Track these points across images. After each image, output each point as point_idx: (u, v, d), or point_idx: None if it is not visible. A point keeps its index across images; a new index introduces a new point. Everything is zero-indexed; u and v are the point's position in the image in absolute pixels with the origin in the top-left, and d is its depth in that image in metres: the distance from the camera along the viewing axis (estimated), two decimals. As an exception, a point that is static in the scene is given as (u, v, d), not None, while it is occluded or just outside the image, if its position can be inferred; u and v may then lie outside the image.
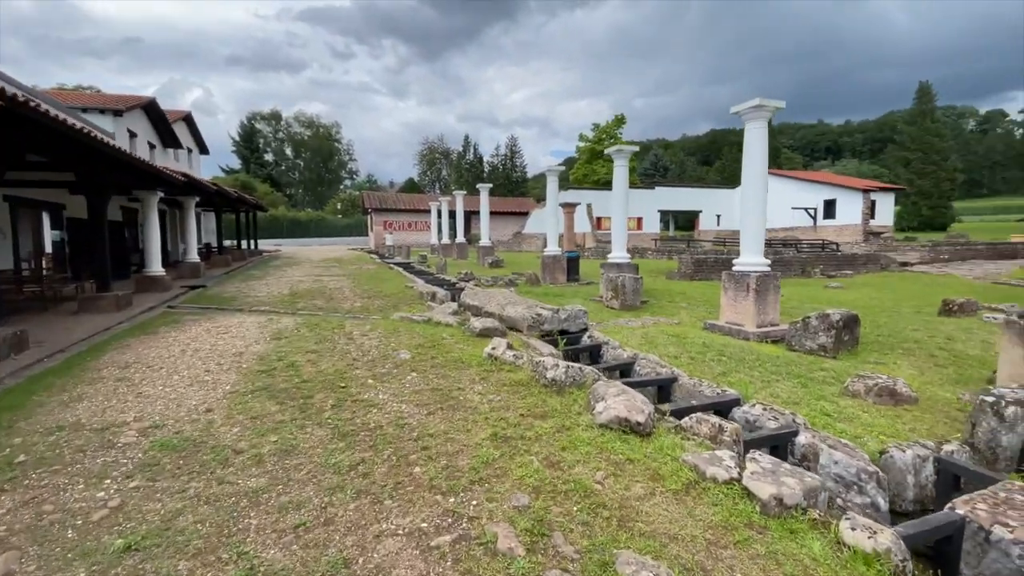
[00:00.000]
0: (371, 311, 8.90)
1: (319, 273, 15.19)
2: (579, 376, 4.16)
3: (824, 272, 18.00)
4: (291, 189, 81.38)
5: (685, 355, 6.07)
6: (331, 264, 19.03)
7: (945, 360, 6.35)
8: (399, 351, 5.40)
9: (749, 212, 7.71)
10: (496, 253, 20.93)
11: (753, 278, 7.39)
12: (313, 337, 6.11)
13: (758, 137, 7.48)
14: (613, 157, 10.97)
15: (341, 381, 4.39)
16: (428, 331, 6.70)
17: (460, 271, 14.79)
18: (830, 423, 4.16)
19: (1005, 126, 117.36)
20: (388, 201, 39.28)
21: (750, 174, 7.62)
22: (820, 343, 6.41)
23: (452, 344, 5.86)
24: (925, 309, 10.33)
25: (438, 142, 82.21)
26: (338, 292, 10.94)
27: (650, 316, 9.06)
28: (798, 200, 37.02)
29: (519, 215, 38.81)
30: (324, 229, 54.01)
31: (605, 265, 11.04)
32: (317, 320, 7.35)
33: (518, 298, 8.17)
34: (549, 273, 13.78)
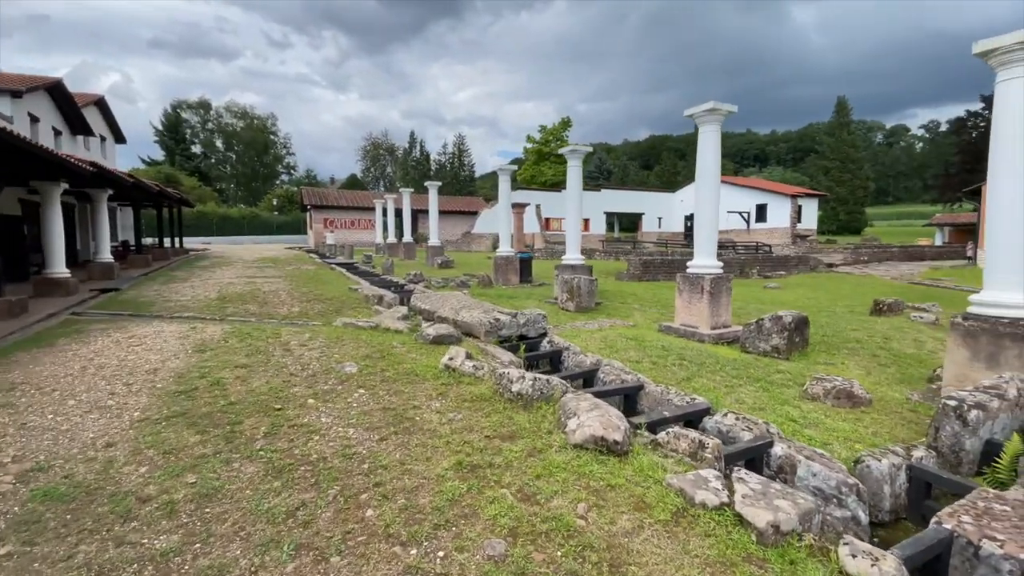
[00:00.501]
0: (311, 317, 8.21)
1: (252, 274, 14.08)
2: (547, 389, 3.85)
3: (761, 273, 18.85)
4: (222, 184, 76.34)
5: (647, 360, 5.93)
6: (266, 264, 17.77)
7: (886, 359, 6.60)
8: (344, 364, 4.88)
9: (702, 215, 7.74)
10: (445, 253, 20.38)
11: (707, 280, 7.42)
12: (243, 349, 5.44)
13: (711, 140, 7.52)
14: (567, 157, 10.82)
15: (276, 402, 3.84)
16: (376, 339, 6.18)
17: (409, 272, 14.17)
18: (797, 429, 4.10)
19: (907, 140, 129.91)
20: (329, 198, 37.56)
21: (703, 177, 7.65)
22: (773, 345, 6.48)
23: (404, 354, 5.40)
24: (857, 309, 10.91)
25: (382, 138, 79.94)
26: (273, 296, 10.09)
27: (606, 318, 8.94)
28: (733, 204, 38.87)
29: (468, 214, 38.29)
30: (258, 227, 50.95)
31: (559, 267, 10.86)
32: (249, 328, 6.63)
33: (473, 301, 7.79)
34: (502, 274, 13.46)
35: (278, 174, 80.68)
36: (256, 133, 74.22)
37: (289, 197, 58.27)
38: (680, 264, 17.05)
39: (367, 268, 17.63)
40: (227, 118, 75.11)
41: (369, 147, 79.48)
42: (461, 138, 73.97)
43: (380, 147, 79.80)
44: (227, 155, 76.43)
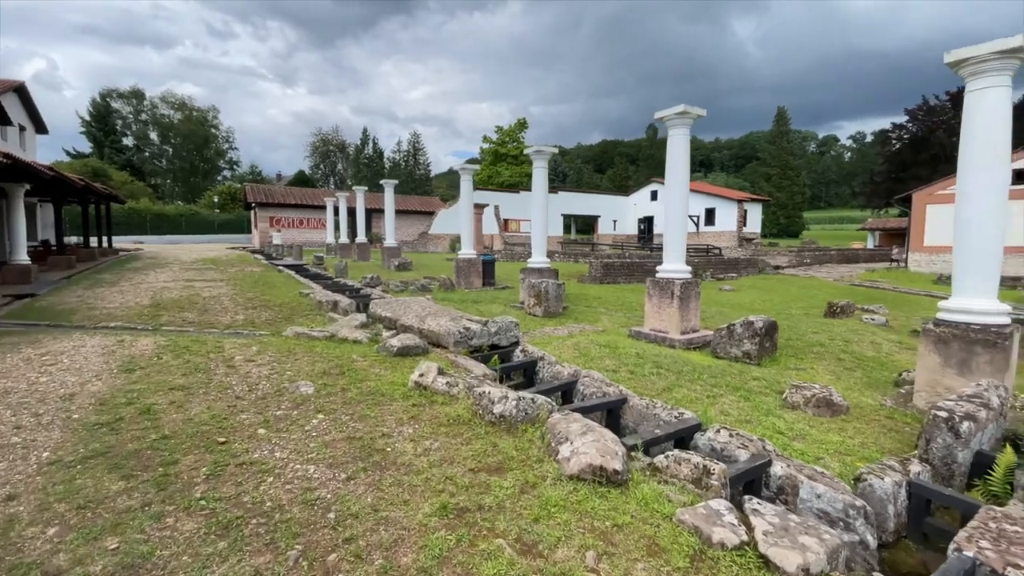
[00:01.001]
0: (258, 326, 7.52)
1: (191, 277, 12.97)
2: (532, 409, 3.51)
3: (714, 275, 19.33)
4: (157, 179, 71.39)
5: (623, 368, 5.71)
6: (206, 266, 16.50)
7: (851, 363, 6.71)
8: (298, 382, 4.35)
9: (671, 218, 7.65)
10: (403, 255, 19.68)
11: (678, 285, 7.33)
12: (180, 367, 4.79)
13: (681, 143, 7.43)
14: (533, 158, 10.54)
15: (220, 433, 3.30)
16: (333, 351, 5.65)
17: (364, 275, 13.47)
18: (787, 443, 3.97)
19: (837, 149, 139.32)
20: (276, 195, 35.72)
21: (672, 180, 7.56)
22: (745, 350, 6.44)
23: (366, 369, 4.92)
24: (812, 311, 11.25)
25: (333, 134, 77.22)
26: (215, 302, 9.24)
27: (574, 323, 8.72)
28: (685, 207, 40.01)
29: (424, 214, 37.45)
30: (198, 225, 47.87)
31: (525, 271, 10.57)
32: (187, 341, 5.92)
33: (439, 308, 7.35)
34: (464, 277, 13.03)
35: (220, 169, 76.40)
36: (195, 126, 69.90)
37: (232, 194, 55.17)
38: (639, 267, 17.21)
39: (318, 270, 16.72)
40: (163, 109, 70.34)
41: (318, 143, 76.61)
42: (416, 136, 72.73)
43: (330, 143, 77.09)
44: (163, 148, 71.58)
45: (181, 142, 70.03)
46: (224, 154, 76.15)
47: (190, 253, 24.17)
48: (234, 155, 77.77)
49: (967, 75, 4.66)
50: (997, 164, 4.55)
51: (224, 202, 53.92)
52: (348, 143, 77.22)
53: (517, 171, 56.62)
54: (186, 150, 70.36)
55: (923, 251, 21.88)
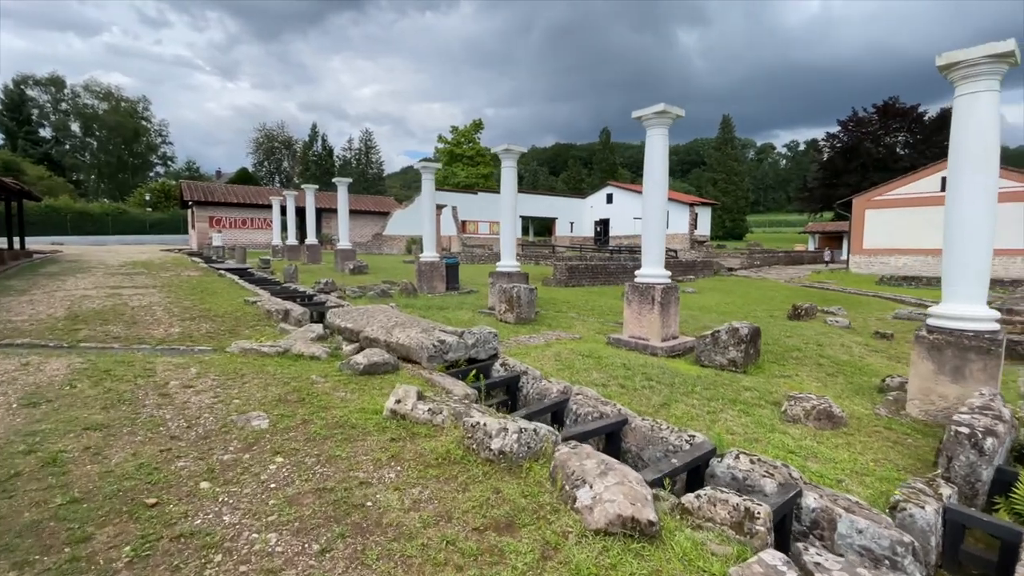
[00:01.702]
0: (197, 340, 6.65)
1: (117, 284, 11.62)
2: (535, 442, 3.03)
3: (672, 277, 19.54)
4: (80, 175, 65.68)
5: (613, 382, 5.33)
6: (136, 270, 14.97)
7: (830, 368, 6.65)
8: (249, 414, 3.67)
9: (650, 221, 7.39)
10: (357, 257, 18.68)
11: (659, 291, 7.06)
12: (100, 397, 3.97)
13: (659, 144, 7.18)
14: (502, 158, 10.07)
15: (150, 491, 2.62)
16: (288, 371, 4.95)
17: (318, 280, 12.53)
18: (801, 464, 3.69)
19: (774, 157, 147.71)
20: (216, 193, 33.42)
21: (651, 182, 7.30)
22: (731, 358, 6.23)
23: (329, 392, 4.28)
24: (775, 313, 11.39)
25: (278, 130, 73.67)
26: (145, 312, 8.18)
27: (548, 330, 8.31)
28: (639, 211, 40.71)
29: (379, 215, 36.15)
30: (127, 225, 44.23)
31: (495, 274, 10.08)
32: (109, 362, 5.04)
33: (406, 317, 6.73)
34: (426, 281, 12.37)
35: (152, 165, 71.32)
36: (123, 117, 64.82)
37: (166, 191, 51.48)
38: (603, 269, 17.09)
39: (265, 274, 15.54)
40: (86, 98, 64.76)
41: (262, 139, 72.86)
42: (368, 134, 70.52)
43: (275, 140, 73.52)
44: (86, 141, 65.95)
45: (107, 135, 64.71)
46: (156, 149, 71.12)
47: (117, 256, 22.03)
48: (168, 150, 72.83)
49: (958, 79, 4.59)
50: (988, 167, 4.50)
51: (157, 200, 50.21)
52: (295, 140, 73.93)
53: (473, 172, 56.01)
54: (113, 143, 65.10)
55: (863, 253, 23.11)
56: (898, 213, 21.96)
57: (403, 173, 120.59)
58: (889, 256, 22.14)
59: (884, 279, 18.72)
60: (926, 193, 21.21)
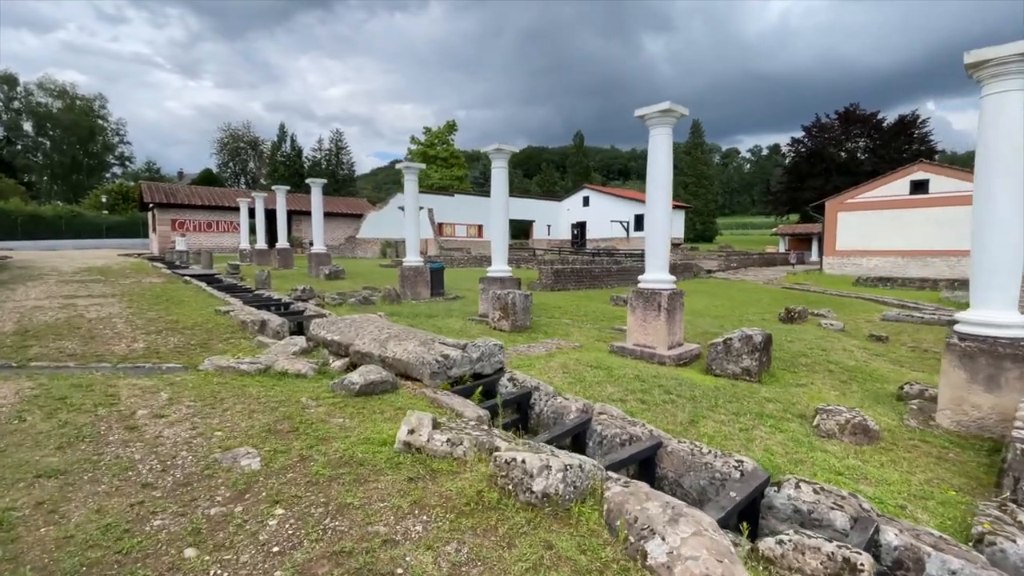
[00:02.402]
0: (165, 356, 6.00)
1: (72, 292, 10.68)
2: (581, 480, 2.63)
3: (658, 280, 19.49)
4: (32, 176, 61.95)
5: (631, 396, 4.98)
6: (92, 277, 13.89)
7: (842, 375, 6.48)
8: (236, 451, 3.15)
9: (655, 224, 7.09)
10: (333, 261, 17.90)
11: (665, 297, 6.76)
12: (54, 433, 3.37)
13: (663, 144, 6.90)
14: (492, 158, 9.63)
15: (121, 564, 2.09)
16: (273, 392, 4.42)
17: (294, 287, 11.82)
18: (855, 488, 3.39)
19: (738, 161, 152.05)
20: (179, 195, 31.84)
21: (655, 185, 7.00)
22: (744, 367, 5.97)
23: (325, 419, 3.77)
24: (766, 316, 11.32)
25: (244, 130, 71.20)
26: (105, 325, 7.43)
27: (547, 338, 7.93)
28: (615, 214, 40.98)
29: (352, 217, 35.15)
30: (82, 229, 41.78)
31: (486, 280, 9.63)
32: (65, 386, 4.39)
33: (398, 328, 6.22)
34: (410, 287, 11.82)
35: (109, 166, 67.93)
36: (79, 116, 61.45)
37: (124, 193, 48.99)
38: (587, 273, 16.84)
39: (235, 281, 14.68)
40: (40, 96, 61.10)
41: (227, 139, 70.23)
42: (339, 134, 68.76)
43: (241, 140, 70.98)
44: (39, 141, 62.24)
45: (61, 134, 61.20)
46: (114, 148, 67.73)
47: (72, 262, 20.60)
48: (126, 150, 69.45)
49: (987, 78, 4.42)
50: (1017, 168, 4.34)
51: (114, 202, 47.72)
52: (262, 140, 71.55)
53: (447, 173, 55.29)
54: (67, 143, 61.60)
55: (835, 255, 23.63)
56: (868, 216, 22.53)
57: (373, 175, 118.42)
58: (861, 258, 22.68)
59: (860, 280, 19.10)
60: (895, 196, 21.81)
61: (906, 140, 48.63)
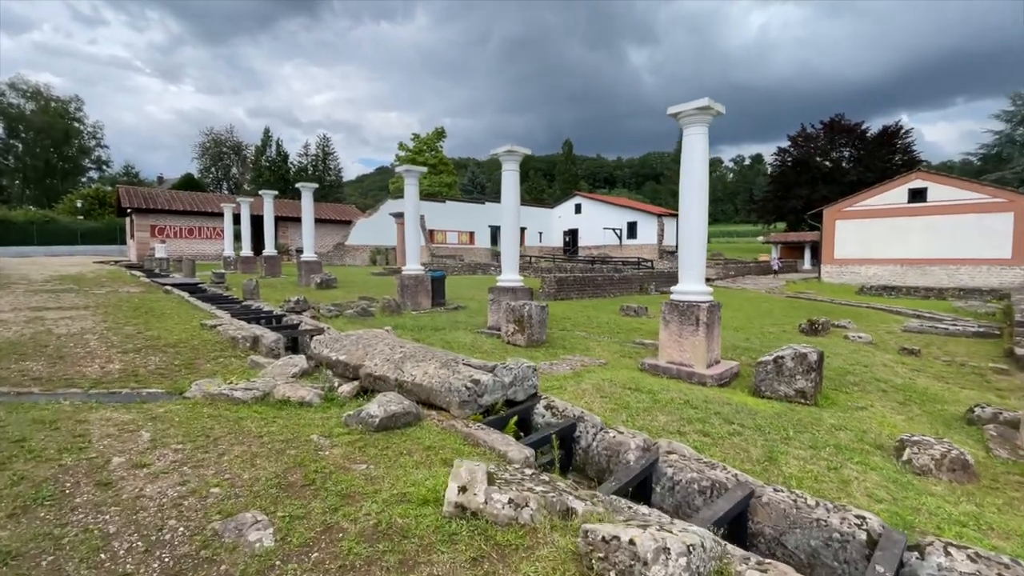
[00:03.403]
0: (145, 380, 5.26)
1: (41, 303, 9.79)
2: (704, 563, 2.01)
3: (658, 289, 19.05)
4: (3, 179, 59.73)
5: (689, 427, 4.37)
6: (64, 286, 12.93)
7: (897, 395, 5.97)
8: (240, 517, 2.46)
9: (691, 232, 6.54)
10: (324, 269, 17.09)
11: (703, 310, 6.21)
12: (6, 493, 2.64)
13: (699, 145, 6.38)
14: (503, 161, 9.02)
15: None
16: (276, 428, 3.73)
17: (286, 298, 11.03)
18: (990, 545, 2.83)
19: (721, 171, 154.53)
20: (159, 200, 30.65)
21: (690, 189, 6.46)
22: (798, 388, 5.43)
23: (345, 466, 3.10)
24: (787, 328, 10.86)
25: (227, 134, 69.71)
26: (76, 342, 6.62)
27: (568, 354, 7.32)
28: (608, 221, 40.71)
29: (340, 224, 34.26)
30: (55, 235, 40.12)
31: (496, 290, 8.99)
32: (25, 421, 3.64)
33: (412, 345, 5.54)
34: (411, 296, 11.13)
35: (84, 170, 65.88)
36: (53, 118, 59.53)
37: (100, 198, 47.33)
38: (591, 281, 16.31)
39: (220, 291, 13.82)
40: (12, 97, 59.06)
41: (209, 144, 68.69)
42: (326, 139, 67.69)
43: (223, 145, 69.48)
44: (10, 144, 60.10)
45: (35, 137, 59.16)
46: (90, 152, 65.74)
47: (43, 269, 19.45)
48: (103, 153, 67.44)
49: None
50: None
51: (90, 207, 46.04)
52: (245, 145, 70.11)
53: (436, 180, 54.64)
54: (41, 146, 59.56)
55: (834, 263, 23.50)
56: (867, 224, 22.46)
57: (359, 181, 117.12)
58: (859, 266, 22.57)
59: (864, 289, 18.89)
60: (893, 204, 21.76)
61: (889, 150, 49.45)
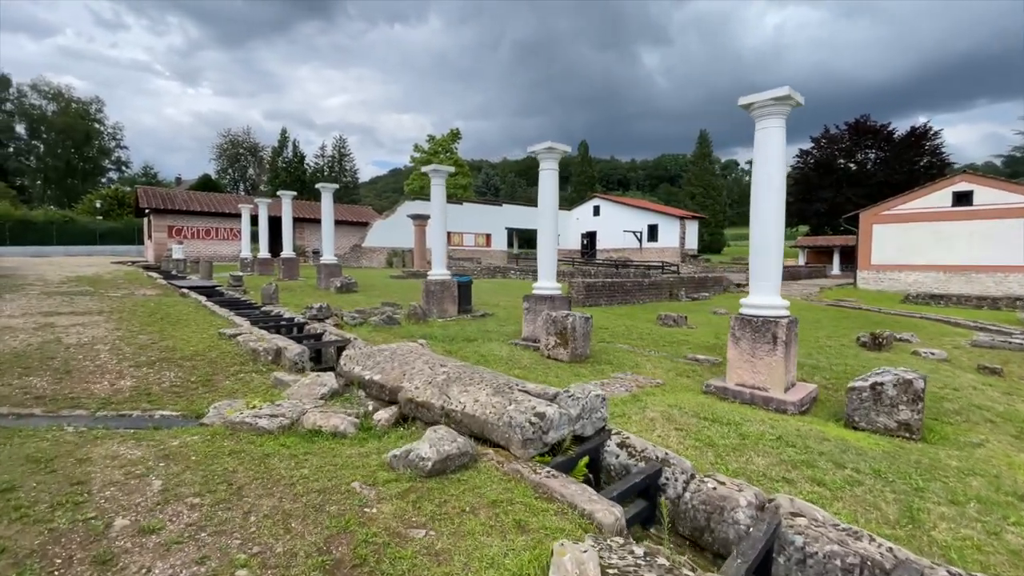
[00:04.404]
0: (158, 400, 4.69)
1: (53, 308, 9.34)
2: None
3: (688, 295, 18.24)
4: (24, 179, 60.59)
5: (797, 475, 3.65)
6: (80, 288, 12.55)
7: (1009, 428, 5.18)
8: (281, 623, 1.82)
9: (766, 235, 5.79)
10: (344, 272, 16.58)
11: (782, 327, 5.47)
12: (-34, 579, 2.04)
13: (775, 139, 5.65)
14: (540, 159, 8.36)
15: None
16: (309, 470, 3.10)
17: (308, 304, 10.47)
18: None
19: (737, 173, 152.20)
20: (176, 200, 30.53)
21: (765, 188, 5.73)
22: (902, 420, 4.68)
23: (400, 531, 2.45)
24: (844, 340, 10.03)
25: (244, 136, 70.08)
26: (85, 354, 6.10)
27: (617, 371, 6.62)
28: (627, 224, 39.87)
29: (357, 225, 33.91)
30: (74, 235, 40.36)
31: (532, 298, 8.34)
32: (19, 459, 3.06)
33: (455, 364, 4.88)
34: (436, 303, 10.52)
35: (104, 170, 66.62)
36: (74, 119, 60.29)
37: (119, 198, 47.64)
38: (619, 287, 15.57)
39: (238, 295, 13.34)
40: (33, 98, 59.96)
41: (227, 145, 69.10)
42: (342, 140, 67.64)
43: (241, 146, 69.85)
44: (32, 144, 61.02)
45: (56, 138, 59.98)
46: (110, 153, 66.49)
47: (61, 269, 19.23)
48: (122, 154, 68.18)
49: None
50: None
51: (109, 207, 46.33)
52: (262, 146, 70.42)
53: (452, 182, 54.12)
54: (62, 147, 60.37)
55: (871, 269, 22.44)
56: (907, 228, 21.40)
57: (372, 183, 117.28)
58: (899, 272, 21.50)
59: (910, 297, 17.88)
60: (936, 208, 20.70)
61: (917, 152, 47.87)
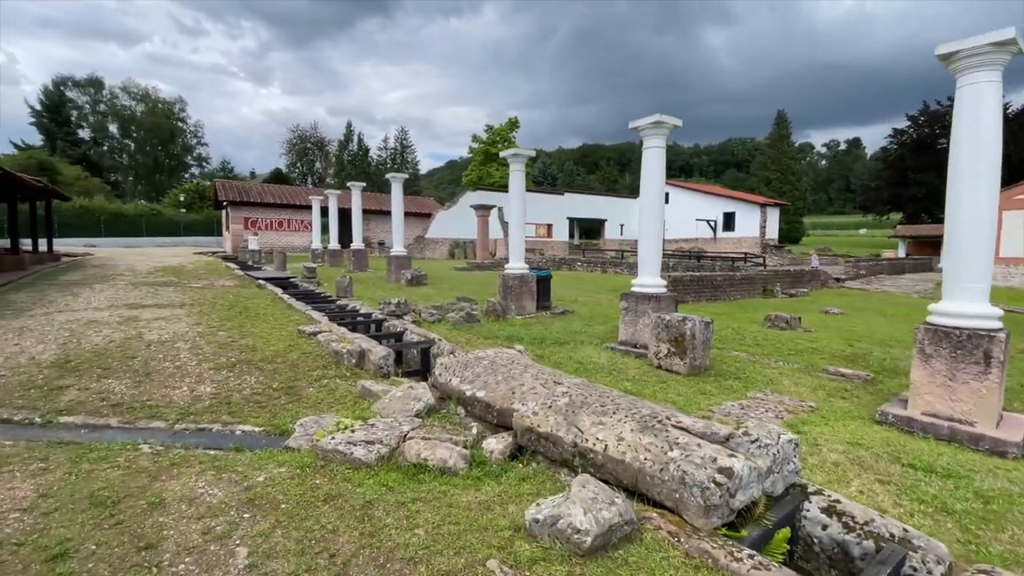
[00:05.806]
0: (239, 410, 4.14)
1: (138, 300, 9.35)
2: None
3: (783, 291, 16.47)
4: (117, 175, 65.86)
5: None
6: (165, 279, 12.80)
7: None
8: None
9: (976, 219, 4.44)
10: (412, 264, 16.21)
11: (997, 343, 4.19)
12: None
13: (989, 96, 4.29)
14: (644, 135, 7.19)
15: None
16: (427, 536, 2.31)
17: (385, 299, 9.97)
18: None
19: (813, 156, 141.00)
20: (251, 193, 31.69)
21: (972, 158, 4.40)
22: None
23: None
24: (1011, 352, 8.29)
25: (311, 131, 72.64)
26: (165, 353, 5.74)
27: (751, 390, 5.50)
28: (700, 212, 37.52)
29: (420, 216, 33.92)
30: (161, 227, 43.19)
31: (631, 297, 7.32)
32: (83, 494, 2.49)
33: (577, 383, 3.98)
34: (514, 299, 9.73)
35: (187, 166, 71.21)
36: (160, 119, 64.70)
37: (200, 192, 50.55)
38: (709, 281, 14.15)
39: (312, 287, 13.17)
40: (124, 100, 64.89)
41: (296, 140, 71.89)
42: (404, 132, 68.64)
43: (308, 141, 72.47)
44: (123, 143, 66.18)
45: (144, 136, 64.67)
46: (192, 149, 71.00)
47: (149, 260, 20.20)
48: (203, 151, 72.64)
49: None
50: None
51: (191, 201, 49.27)
52: (328, 140, 72.76)
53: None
54: (149, 145, 65.03)
55: (999, 263, 19.45)
56: (1046, 215, 18.31)
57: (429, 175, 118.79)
58: (1035, 267, 18.48)
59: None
60: (1088, 191, 17.52)
61: (1042, 130, 41.81)
